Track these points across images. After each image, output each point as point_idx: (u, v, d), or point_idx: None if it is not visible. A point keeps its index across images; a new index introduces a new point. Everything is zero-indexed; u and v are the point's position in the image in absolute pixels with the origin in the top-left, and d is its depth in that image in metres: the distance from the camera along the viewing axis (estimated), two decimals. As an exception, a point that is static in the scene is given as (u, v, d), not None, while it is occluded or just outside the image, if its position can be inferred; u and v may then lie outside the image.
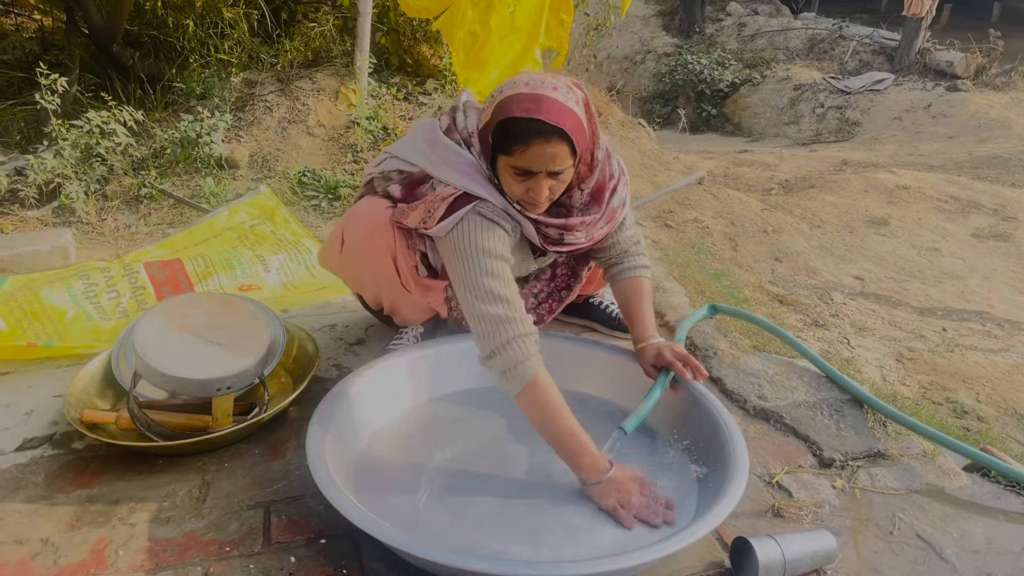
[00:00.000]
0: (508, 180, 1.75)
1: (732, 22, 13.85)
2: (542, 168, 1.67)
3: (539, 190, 1.72)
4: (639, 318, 2.02)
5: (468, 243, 1.75)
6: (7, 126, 4.71)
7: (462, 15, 3.80)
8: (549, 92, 1.64)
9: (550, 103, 1.62)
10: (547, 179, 1.71)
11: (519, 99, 1.64)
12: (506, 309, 1.68)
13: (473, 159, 1.82)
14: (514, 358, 1.64)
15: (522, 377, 1.64)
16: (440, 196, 1.79)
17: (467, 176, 1.80)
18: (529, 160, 1.66)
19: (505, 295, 1.70)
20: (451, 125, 1.89)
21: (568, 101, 1.66)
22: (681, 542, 1.39)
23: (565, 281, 2.28)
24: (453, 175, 1.81)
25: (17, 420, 1.99)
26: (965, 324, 3.46)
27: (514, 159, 1.67)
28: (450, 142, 1.84)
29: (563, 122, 1.62)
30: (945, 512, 1.74)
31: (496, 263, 1.74)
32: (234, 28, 5.08)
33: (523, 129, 1.62)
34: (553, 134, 1.62)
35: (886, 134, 9.50)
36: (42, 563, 1.49)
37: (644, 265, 2.11)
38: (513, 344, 1.65)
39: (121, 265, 2.60)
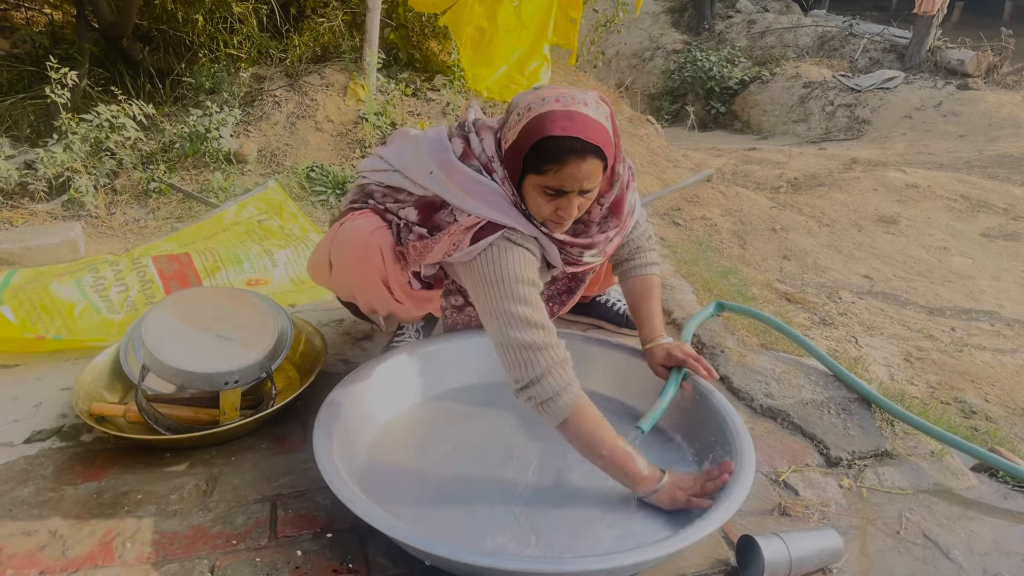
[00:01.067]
0: (536, 200, 1.68)
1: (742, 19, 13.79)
2: (575, 187, 1.63)
3: (569, 209, 1.68)
4: (648, 317, 2.00)
5: (496, 270, 1.68)
6: (17, 120, 4.73)
7: (469, 10, 3.80)
8: (581, 108, 1.60)
9: (584, 120, 1.58)
10: (577, 197, 1.66)
11: (553, 116, 1.58)
12: (540, 336, 1.60)
13: (496, 186, 1.73)
14: (553, 388, 1.56)
15: (564, 408, 1.57)
16: (464, 226, 1.71)
17: (492, 206, 1.72)
18: (563, 179, 1.61)
19: (539, 321, 1.62)
20: (466, 149, 1.79)
21: (599, 117, 1.62)
22: (687, 540, 1.39)
23: (566, 285, 2.26)
24: (477, 205, 1.72)
25: (26, 412, 2.00)
26: (974, 324, 3.45)
27: (547, 179, 1.62)
28: (469, 170, 1.75)
29: (598, 139, 1.58)
30: (952, 512, 1.74)
31: (526, 289, 1.66)
32: (243, 23, 5.08)
33: (559, 148, 1.57)
34: (589, 152, 1.58)
35: (896, 132, 9.45)
36: (50, 554, 1.50)
37: (654, 262, 2.09)
38: (551, 373, 1.57)
39: (130, 259, 2.61)
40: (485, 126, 1.82)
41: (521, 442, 1.88)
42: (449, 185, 1.77)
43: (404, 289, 1.95)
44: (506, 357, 1.62)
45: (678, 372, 1.89)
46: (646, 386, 2.00)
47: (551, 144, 1.57)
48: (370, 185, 2.00)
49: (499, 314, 1.63)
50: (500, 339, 1.63)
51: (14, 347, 2.25)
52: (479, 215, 1.71)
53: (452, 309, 2.12)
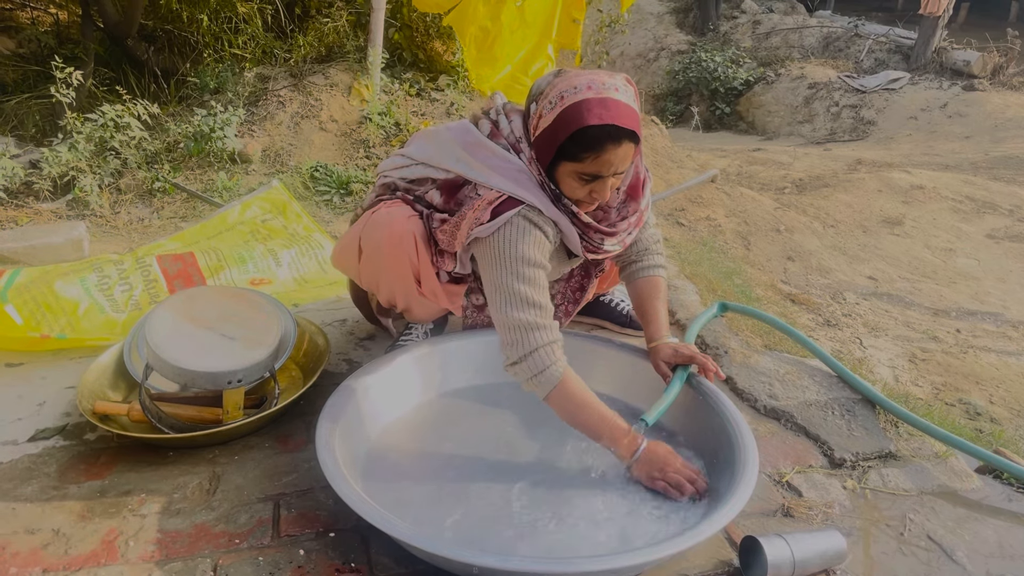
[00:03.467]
0: (571, 184, 1.73)
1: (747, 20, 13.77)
2: (610, 172, 1.68)
3: (603, 191, 1.73)
4: (654, 317, 2.02)
5: (508, 248, 1.73)
6: (23, 119, 4.74)
7: (473, 10, 3.80)
8: (613, 94, 1.63)
9: (618, 105, 1.62)
10: (611, 179, 1.71)
11: (588, 105, 1.61)
12: (536, 316, 1.68)
13: (522, 164, 1.78)
14: (540, 365, 1.65)
15: (549, 382, 1.66)
16: (486, 200, 1.76)
17: (515, 181, 1.76)
18: (600, 166, 1.66)
19: (538, 301, 1.70)
20: (493, 130, 1.84)
21: (630, 100, 1.66)
22: (690, 540, 1.38)
23: (579, 283, 2.28)
24: (500, 180, 1.77)
25: (30, 411, 2.01)
26: (979, 325, 3.44)
27: (584, 166, 1.67)
28: (496, 147, 1.80)
29: (632, 123, 1.62)
30: (956, 514, 1.73)
31: (533, 271, 1.72)
32: (248, 23, 5.09)
33: (597, 136, 1.61)
34: (624, 137, 1.62)
35: (901, 133, 9.43)
36: (53, 553, 1.50)
37: (661, 264, 2.11)
38: (540, 352, 1.66)
39: (134, 258, 2.62)
40: (514, 110, 1.87)
41: (524, 442, 1.88)
42: (473, 163, 1.82)
43: (432, 279, 1.98)
44: (503, 332, 1.71)
45: (684, 369, 1.88)
46: (650, 387, 1.99)
47: (588, 133, 1.61)
48: (393, 182, 2.03)
49: (503, 290, 1.71)
50: (500, 315, 1.71)
51: (19, 346, 2.26)
52: (501, 189, 1.76)
53: (473, 308, 2.15)
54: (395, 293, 2.04)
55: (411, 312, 2.14)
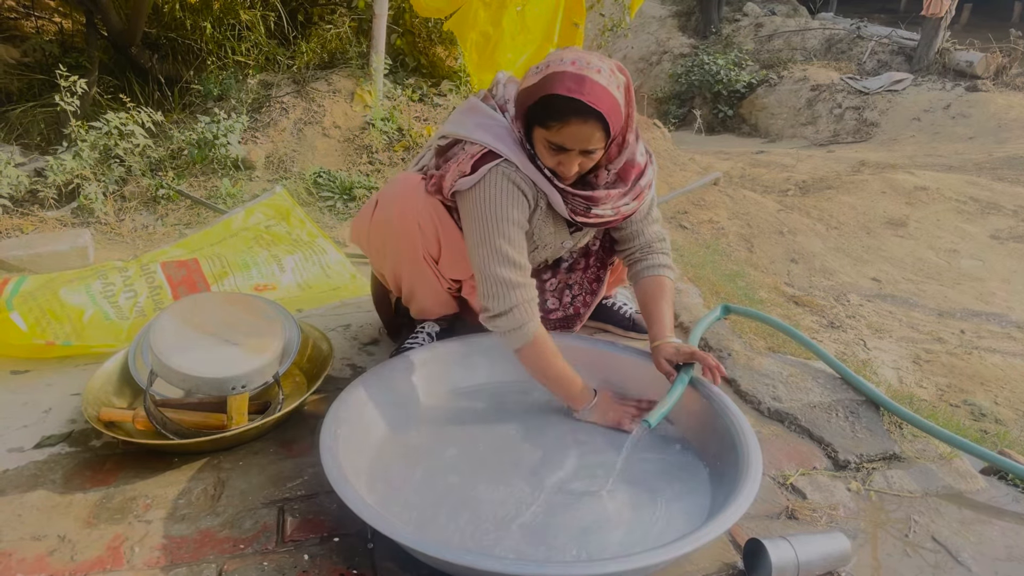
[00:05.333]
0: (542, 151, 1.79)
1: (749, 22, 13.77)
2: (576, 147, 1.72)
3: (569, 165, 1.77)
4: (659, 317, 2.02)
5: (489, 204, 1.81)
6: (28, 127, 4.77)
7: (473, 15, 3.80)
8: (593, 74, 1.67)
9: (592, 85, 1.65)
10: (579, 156, 1.75)
11: (563, 77, 1.66)
12: (517, 274, 1.79)
13: (506, 122, 1.86)
14: (519, 320, 1.79)
15: (524, 337, 1.81)
16: (468, 154, 1.84)
17: (497, 137, 1.84)
18: (565, 137, 1.70)
19: (517, 260, 1.80)
20: (487, 95, 1.95)
21: (610, 85, 1.69)
22: (694, 543, 1.38)
23: (596, 273, 2.29)
24: (483, 135, 1.84)
25: (36, 418, 2.02)
26: (984, 326, 3.43)
27: (550, 134, 1.71)
28: (485, 107, 1.90)
29: (601, 105, 1.65)
30: (962, 515, 1.73)
31: (513, 228, 1.81)
32: (251, 30, 5.11)
33: (562, 107, 1.66)
34: (591, 116, 1.66)
35: (905, 135, 9.42)
36: (59, 559, 1.51)
37: (667, 265, 2.12)
38: (520, 308, 1.79)
39: (138, 265, 2.63)
40: (512, 80, 1.97)
41: (528, 445, 1.88)
42: (465, 122, 1.91)
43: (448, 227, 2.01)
44: (483, 285, 1.82)
45: (687, 370, 1.88)
46: (653, 390, 2.00)
47: (556, 102, 1.66)
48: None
49: (486, 246, 1.81)
50: (482, 269, 1.81)
51: (24, 353, 2.27)
52: (482, 142, 1.83)
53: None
54: (401, 262, 2.08)
55: (416, 298, 2.17)
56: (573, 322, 2.30)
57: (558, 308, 2.28)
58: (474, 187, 1.83)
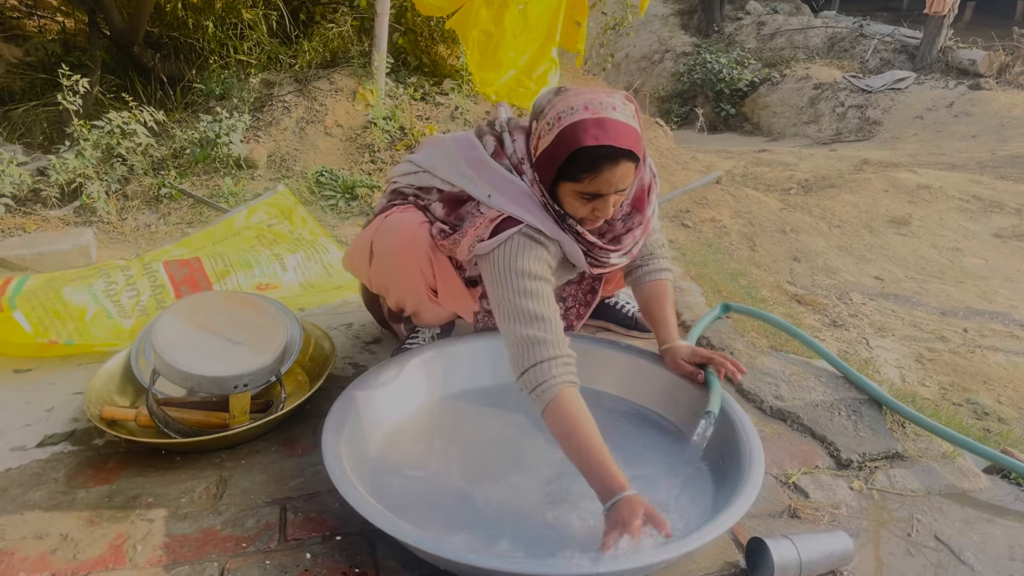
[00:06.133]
0: (573, 203, 1.74)
1: (751, 21, 13.75)
2: (611, 190, 1.68)
3: (605, 209, 1.73)
4: (665, 320, 2.03)
5: (508, 264, 1.74)
6: (30, 127, 4.77)
7: (475, 14, 3.80)
8: (610, 113, 1.63)
9: (614, 125, 1.62)
10: (612, 196, 1.71)
11: (584, 126, 1.61)
12: (540, 330, 1.66)
13: (525, 186, 1.78)
14: (539, 378, 1.62)
15: (545, 397, 1.61)
16: (488, 218, 1.77)
17: (519, 204, 1.77)
18: (599, 185, 1.66)
19: (542, 314, 1.68)
20: (498, 148, 1.85)
21: (628, 119, 1.66)
22: (696, 542, 1.38)
23: (590, 285, 2.29)
24: (502, 200, 1.78)
25: (38, 417, 2.02)
26: (987, 325, 3.42)
27: (583, 186, 1.67)
28: (500, 168, 1.81)
29: (630, 142, 1.62)
30: (965, 514, 1.72)
31: (535, 284, 1.72)
32: (253, 29, 5.11)
33: (592, 158, 1.62)
34: (621, 157, 1.62)
35: (907, 133, 9.40)
36: (61, 557, 1.51)
37: (667, 268, 2.13)
38: (540, 366, 1.62)
39: (141, 264, 2.63)
40: (518, 127, 1.88)
41: (529, 444, 1.88)
42: (478, 181, 1.82)
43: (450, 281, 1.99)
44: (510, 347, 1.71)
45: (708, 370, 1.89)
46: (655, 388, 2.00)
47: (584, 155, 1.62)
48: (402, 188, 2.05)
49: (506, 307, 1.71)
50: (505, 330, 1.71)
51: (27, 352, 2.27)
52: (503, 210, 1.76)
53: (484, 313, 2.16)
54: (404, 298, 2.06)
55: (419, 316, 2.15)
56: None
57: None
58: (493, 251, 1.77)
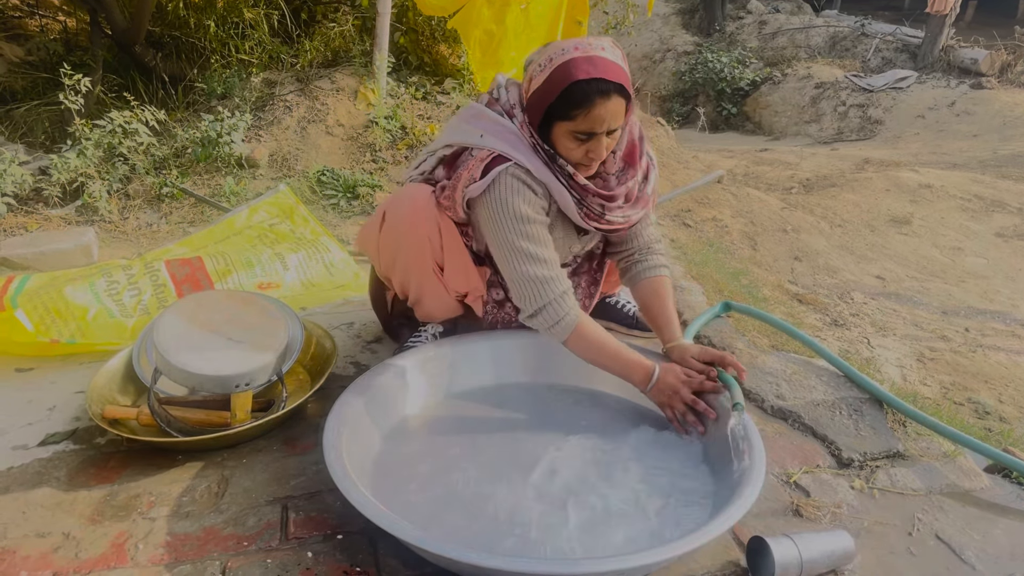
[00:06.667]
0: (567, 145, 1.80)
1: (753, 20, 13.74)
2: (603, 128, 1.74)
3: (599, 150, 1.78)
4: (668, 318, 2.05)
5: (503, 207, 1.82)
6: (32, 126, 4.78)
7: (477, 13, 3.80)
8: (600, 52, 1.70)
9: (604, 62, 1.68)
10: (605, 138, 1.77)
11: (576, 63, 1.68)
12: (545, 269, 1.80)
13: (515, 128, 1.86)
14: (557, 315, 1.80)
15: (565, 330, 1.82)
16: (478, 158, 1.85)
17: (508, 143, 1.84)
18: (592, 122, 1.72)
19: (543, 256, 1.81)
20: (491, 100, 1.94)
21: (616, 58, 1.72)
22: (697, 541, 1.38)
23: (593, 277, 2.30)
24: (493, 142, 1.85)
25: (40, 416, 2.02)
26: (988, 324, 3.42)
27: (576, 124, 1.73)
28: (492, 113, 1.90)
29: (620, 77, 1.69)
30: (966, 513, 1.72)
31: (532, 227, 1.82)
32: (255, 28, 5.11)
33: (585, 92, 1.68)
34: (613, 91, 1.68)
35: (909, 132, 9.39)
36: (63, 556, 1.51)
37: (665, 264, 2.14)
38: (555, 303, 1.80)
39: (143, 263, 2.63)
40: (513, 83, 1.96)
41: (531, 444, 1.88)
42: (471, 129, 1.91)
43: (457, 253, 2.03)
44: (516, 288, 1.84)
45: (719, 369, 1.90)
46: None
47: (578, 89, 1.68)
48: (410, 179, 2.11)
49: (508, 249, 1.83)
50: (510, 272, 1.83)
51: (29, 351, 2.27)
52: (492, 148, 1.84)
53: (493, 304, 2.19)
54: (409, 273, 2.08)
55: (422, 304, 2.16)
56: None
57: None
58: (486, 191, 1.84)
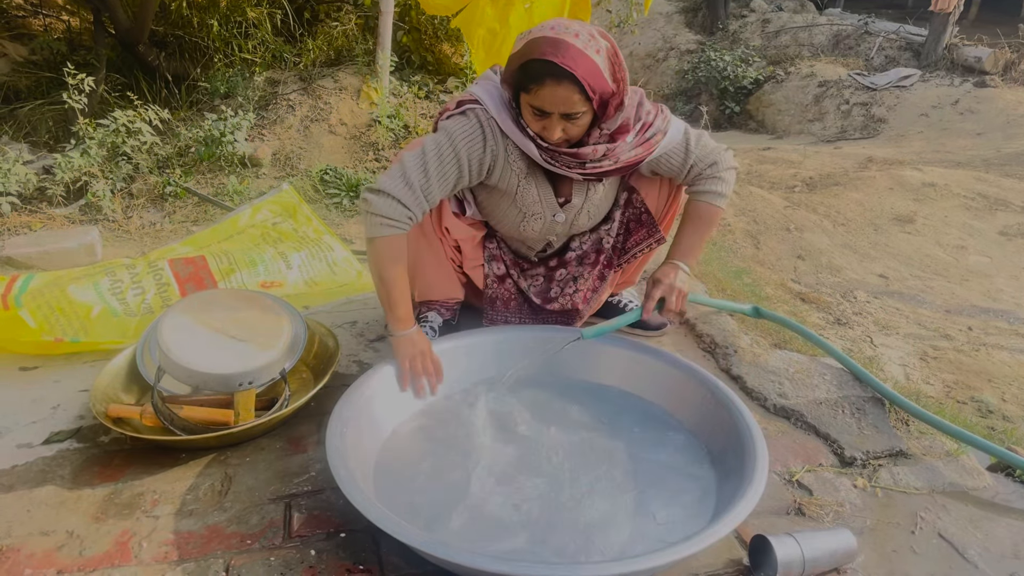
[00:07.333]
0: (527, 115, 1.85)
1: (756, 18, 13.71)
2: (555, 109, 1.78)
3: (552, 130, 1.82)
4: (677, 239, 2.15)
5: (449, 129, 1.91)
6: (36, 125, 4.79)
7: (481, 12, 3.80)
8: (569, 38, 1.72)
9: (567, 48, 1.70)
10: (561, 120, 1.80)
11: (540, 42, 1.72)
12: (420, 180, 1.86)
13: (496, 81, 1.96)
14: (386, 214, 1.85)
15: (371, 230, 1.88)
16: (457, 99, 1.99)
17: (487, 92, 1.94)
18: (543, 100, 1.76)
19: (431, 173, 1.87)
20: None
21: (587, 48, 1.73)
22: (702, 543, 1.37)
23: (601, 272, 2.31)
24: (477, 89, 1.96)
25: (44, 414, 2.03)
26: (991, 323, 3.41)
27: (530, 97, 1.78)
28: (491, 72, 2.01)
29: (576, 68, 1.70)
30: (968, 512, 1.72)
31: (448, 157, 1.89)
32: (258, 28, 5.12)
33: (539, 70, 1.72)
34: (565, 78, 1.71)
35: (912, 131, 9.36)
36: (67, 554, 1.52)
37: (712, 191, 2.09)
38: (388, 201, 1.84)
39: (146, 262, 2.64)
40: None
41: (533, 443, 1.88)
42: (474, 85, 2.01)
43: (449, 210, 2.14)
44: (391, 168, 1.91)
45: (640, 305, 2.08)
46: (660, 383, 2.00)
47: (533, 65, 1.73)
48: None
49: (417, 146, 1.92)
50: (401, 159, 1.90)
51: (33, 349, 2.28)
52: (471, 93, 1.96)
53: (494, 278, 2.27)
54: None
55: (419, 272, 2.23)
56: (572, 317, 2.31)
57: (559, 298, 2.28)
58: (450, 117, 1.95)
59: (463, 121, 1.93)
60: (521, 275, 2.30)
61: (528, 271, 2.31)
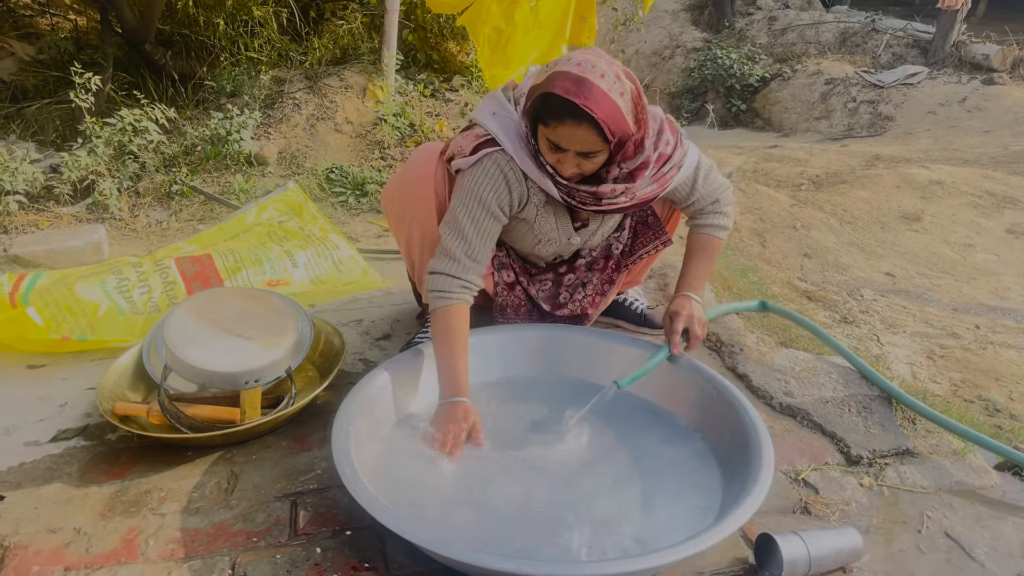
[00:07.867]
0: (543, 147, 1.82)
1: (762, 16, 13.67)
2: (571, 147, 1.75)
3: (566, 165, 1.80)
4: (684, 271, 2.13)
5: (472, 185, 1.89)
6: (43, 124, 4.80)
7: (486, 11, 3.80)
8: (595, 78, 1.68)
9: (591, 89, 1.66)
10: (576, 157, 1.78)
11: (565, 78, 1.68)
12: (462, 249, 1.88)
13: (516, 116, 1.90)
14: (437, 286, 1.89)
15: (431, 304, 1.91)
16: (474, 134, 1.93)
17: (503, 128, 1.90)
18: (560, 136, 1.73)
19: (471, 240, 1.89)
20: (510, 83, 2.02)
21: (611, 91, 1.69)
22: (708, 542, 1.37)
23: (610, 276, 2.30)
24: (491, 121, 1.92)
25: (51, 412, 2.04)
26: (999, 321, 3.40)
27: (548, 132, 1.75)
28: (502, 97, 1.96)
29: (598, 111, 1.66)
30: (975, 511, 1.72)
31: (482, 214, 1.90)
32: (264, 26, 5.12)
33: (559, 107, 1.68)
34: (584, 119, 1.67)
35: (920, 128, 9.33)
36: (74, 551, 1.52)
37: (714, 224, 2.13)
38: (445, 278, 1.88)
39: (153, 260, 2.65)
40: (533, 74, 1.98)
41: (538, 442, 1.88)
42: (484, 110, 1.98)
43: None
44: (439, 247, 1.93)
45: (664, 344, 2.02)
46: (660, 382, 2.00)
47: (554, 101, 1.69)
48: None
49: (452, 217, 1.92)
50: (442, 235, 1.92)
51: (40, 347, 2.29)
52: (488, 129, 1.91)
53: (504, 286, 2.25)
54: (415, 224, 2.12)
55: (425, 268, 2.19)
56: (580, 321, 2.31)
57: (568, 304, 2.28)
58: (469, 170, 1.91)
59: (483, 174, 1.90)
60: (530, 281, 2.30)
61: (537, 276, 2.31)
